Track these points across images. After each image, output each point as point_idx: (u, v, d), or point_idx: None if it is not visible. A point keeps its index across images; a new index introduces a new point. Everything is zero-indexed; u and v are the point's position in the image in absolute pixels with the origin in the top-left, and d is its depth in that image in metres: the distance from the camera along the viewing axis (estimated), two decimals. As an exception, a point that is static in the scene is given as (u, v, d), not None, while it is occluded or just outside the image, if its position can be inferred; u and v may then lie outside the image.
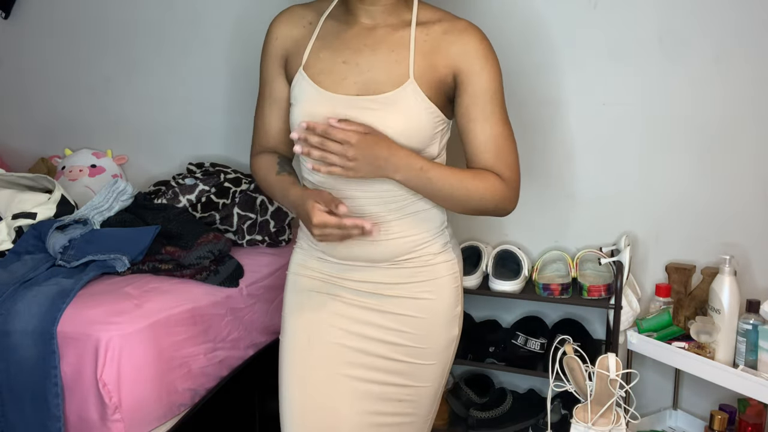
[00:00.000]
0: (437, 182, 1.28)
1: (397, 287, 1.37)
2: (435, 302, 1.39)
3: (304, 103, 1.32)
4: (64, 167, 2.35)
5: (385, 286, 1.37)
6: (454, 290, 1.41)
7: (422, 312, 1.38)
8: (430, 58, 1.30)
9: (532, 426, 1.95)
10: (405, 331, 1.37)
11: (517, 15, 1.94)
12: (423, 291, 1.38)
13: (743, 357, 1.68)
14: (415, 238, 1.36)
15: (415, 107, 1.28)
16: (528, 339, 1.93)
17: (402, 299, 1.37)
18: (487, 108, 1.30)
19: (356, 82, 1.30)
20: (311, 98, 1.32)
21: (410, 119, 1.28)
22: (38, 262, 1.68)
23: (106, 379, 1.40)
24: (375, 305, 1.38)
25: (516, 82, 1.98)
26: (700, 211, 1.88)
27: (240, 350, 1.75)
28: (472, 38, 1.30)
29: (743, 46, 1.77)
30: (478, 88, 1.29)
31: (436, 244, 1.39)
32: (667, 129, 1.87)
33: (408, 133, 1.28)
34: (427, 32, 1.31)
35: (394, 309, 1.37)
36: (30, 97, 2.51)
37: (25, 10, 2.45)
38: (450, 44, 1.30)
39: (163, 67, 2.33)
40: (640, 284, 1.95)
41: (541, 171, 2.01)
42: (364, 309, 1.38)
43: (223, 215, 1.98)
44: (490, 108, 1.30)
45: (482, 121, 1.30)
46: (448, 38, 1.30)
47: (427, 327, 1.39)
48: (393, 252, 1.35)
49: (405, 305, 1.37)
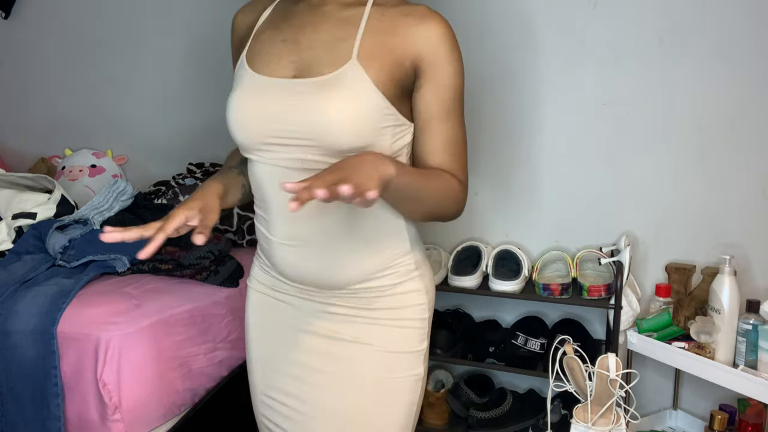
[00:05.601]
0: (409, 175, 1.10)
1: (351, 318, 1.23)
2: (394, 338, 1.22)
3: (235, 91, 1.17)
4: (64, 167, 2.36)
5: (339, 316, 1.22)
6: (419, 323, 1.23)
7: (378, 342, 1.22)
8: (385, 38, 1.12)
9: (532, 426, 1.95)
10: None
11: (516, 15, 1.95)
12: (384, 319, 1.22)
13: (743, 357, 1.68)
14: (374, 263, 1.20)
15: (355, 91, 1.09)
16: (528, 339, 1.93)
17: (357, 325, 1.22)
18: (451, 106, 1.15)
19: (293, 61, 1.14)
20: (242, 85, 1.17)
21: (349, 105, 1.08)
22: (38, 262, 1.68)
23: (106, 379, 1.40)
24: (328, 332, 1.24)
25: (515, 82, 1.99)
26: (700, 211, 1.88)
27: (240, 350, 1.75)
28: (437, 25, 1.12)
29: (743, 46, 1.77)
30: (442, 83, 1.13)
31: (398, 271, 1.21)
32: (668, 129, 1.88)
33: (347, 123, 1.08)
34: (383, 12, 1.14)
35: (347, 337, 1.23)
36: (30, 97, 2.52)
37: (25, 10, 2.45)
38: (410, 26, 1.12)
39: (162, 67, 2.33)
40: (640, 284, 1.95)
41: (540, 171, 2.01)
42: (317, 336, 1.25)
43: (223, 215, 1.98)
44: (453, 106, 1.16)
45: (444, 120, 1.15)
46: (409, 20, 1.13)
47: (382, 362, 1.22)
48: (345, 279, 1.20)
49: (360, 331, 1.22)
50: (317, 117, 1.08)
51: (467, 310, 2.16)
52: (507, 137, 2.03)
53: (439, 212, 1.19)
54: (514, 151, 2.03)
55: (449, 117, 1.16)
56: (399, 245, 1.22)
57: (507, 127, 2.02)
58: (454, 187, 1.17)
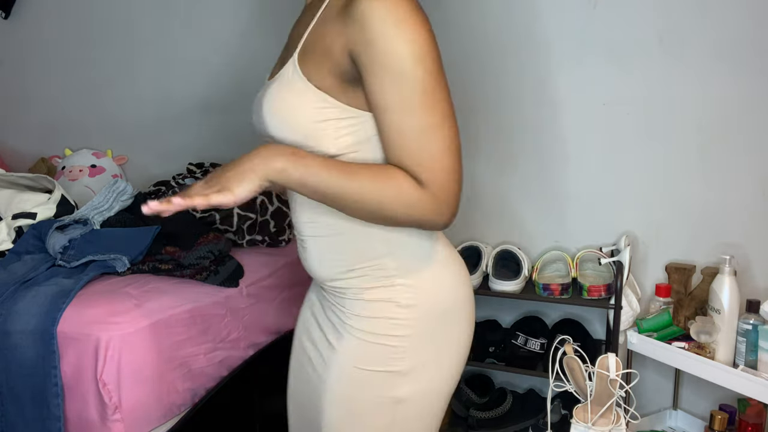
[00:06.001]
0: (318, 173, 1.00)
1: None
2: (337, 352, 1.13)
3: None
4: (64, 167, 2.36)
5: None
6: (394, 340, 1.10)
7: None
8: (322, 29, 1.04)
9: (532, 426, 1.95)
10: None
11: (516, 15, 1.95)
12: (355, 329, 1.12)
13: (743, 357, 1.68)
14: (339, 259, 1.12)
15: (288, 86, 1.05)
16: (528, 339, 1.93)
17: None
18: (408, 94, 0.97)
19: (278, 62, 1.16)
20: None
21: (278, 101, 1.05)
22: (38, 262, 1.67)
23: (106, 379, 1.40)
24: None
25: (515, 82, 1.99)
26: (700, 211, 1.88)
27: (240, 350, 1.75)
28: (368, 3, 0.96)
29: (743, 46, 1.77)
30: (389, 69, 0.96)
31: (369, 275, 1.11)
32: (668, 129, 1.88)
33: (276, 117, 1.05)
34: (337, 2, 1.04)
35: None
36: (30, 97, 2.52)
37: (25, 10, 2.45)
38: (342, 9, 1.00)
39: (162, 67, 2.33)
40: (640, 284, 1.95)
41: (541, 171, 2.01)
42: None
43: (223, 215, 1.98)
44: (410, 95, 0.97)
45: (397, 111, 0.98)
46: (342, 2, 1.01)
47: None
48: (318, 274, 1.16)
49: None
50: (259, 114, 1.09)
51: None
52: (507, 137, 2.03)
53: (387, 215, 1.02)
54: (514, 151, 2.03)
55: (404, 108, 0.98)
56: (367, 245, 1.10)
57: (507, 126, 2.02)
58: (401, 187, 0.99)
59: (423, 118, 0.98)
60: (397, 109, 0.98)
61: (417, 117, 0.98)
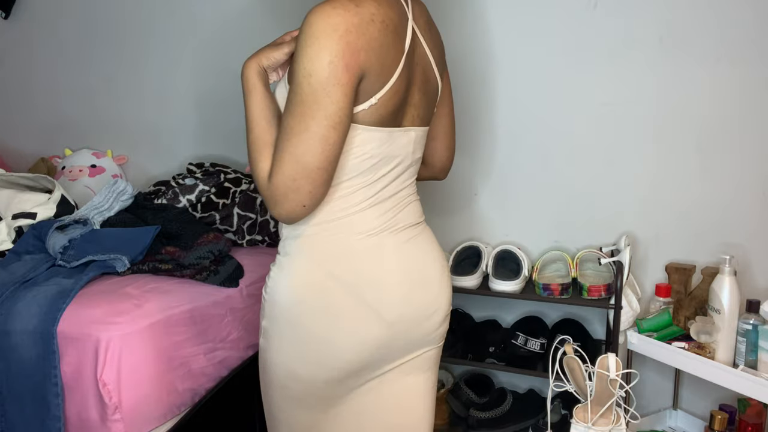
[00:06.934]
0: (250, 99, 1.17)
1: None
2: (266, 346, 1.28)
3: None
4: (64, 167, 2.36)
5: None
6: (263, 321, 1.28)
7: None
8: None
9: (532, 426, 1.95)
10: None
11: (516, 15, 1.95)
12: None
13: (743, 357, 1.68)
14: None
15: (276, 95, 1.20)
16: (528, 339, 1.93)
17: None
18: (289, 96, 1.09)
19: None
20: None
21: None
22: (38, 262, 1.67)
23: (106, 379, 1.40)
24: None
25: (515, 81, 1.99)
26: (700, 211, 1.88)
27: (240, 350, 1.75)
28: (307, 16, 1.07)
29: (743, 46, 1.77)
30: (292, 75, 1.10)
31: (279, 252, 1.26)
32: (667, 129, 1.88)
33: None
34: None
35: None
36: (30, 97, 2.52)
37: (25, 10, 2.45)
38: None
39: (162, 67, 2.33)
40: (640, 284, 1.95)
41: (541, 171, 2.01)
42: None
43: (223, 215, 1.98)
44: (290, 96, 1.09)
45: (284, 110, 1.12)
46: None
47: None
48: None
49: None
50: None
51: (467, 310, 2.16)
52: (506, 137, 2.03)
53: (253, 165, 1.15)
54: (513, 151, 2.03)
55: (285, 109, 1.10)
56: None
57: (506, 126, 2.02)
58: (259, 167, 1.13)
59: (291, 122, 1.07)
60: (284, 108, 1.11)
61: (287, 120, 1.08)
